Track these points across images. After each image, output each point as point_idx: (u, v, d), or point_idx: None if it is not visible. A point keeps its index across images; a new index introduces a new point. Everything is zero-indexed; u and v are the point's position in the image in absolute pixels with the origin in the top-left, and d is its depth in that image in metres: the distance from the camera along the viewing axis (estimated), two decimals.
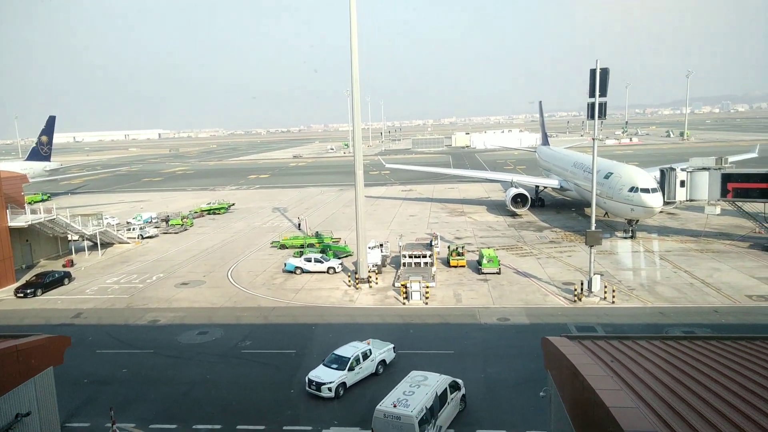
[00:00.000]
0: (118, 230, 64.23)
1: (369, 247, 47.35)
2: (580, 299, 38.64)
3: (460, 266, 47.75)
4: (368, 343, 30.21)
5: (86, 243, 61.04)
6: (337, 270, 47.67)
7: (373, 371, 29.28)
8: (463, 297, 40.54)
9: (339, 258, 51.26)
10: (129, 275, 50.00)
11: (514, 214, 71.16)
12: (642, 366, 15.34)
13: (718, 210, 51.24)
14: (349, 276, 45.40)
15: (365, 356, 29.08)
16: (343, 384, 27.83)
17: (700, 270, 44.48)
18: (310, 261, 47.94)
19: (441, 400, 24.00)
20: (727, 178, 49.99)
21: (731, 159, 56.42)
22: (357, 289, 43.24)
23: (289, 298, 41.85)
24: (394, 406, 22.55)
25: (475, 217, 72.21)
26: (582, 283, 39.71)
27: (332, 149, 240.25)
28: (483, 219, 70.57)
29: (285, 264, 48.85)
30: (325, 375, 27.90)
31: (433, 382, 24.52)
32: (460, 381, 26.13)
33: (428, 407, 22.90)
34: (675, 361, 15.63)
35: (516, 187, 73.05)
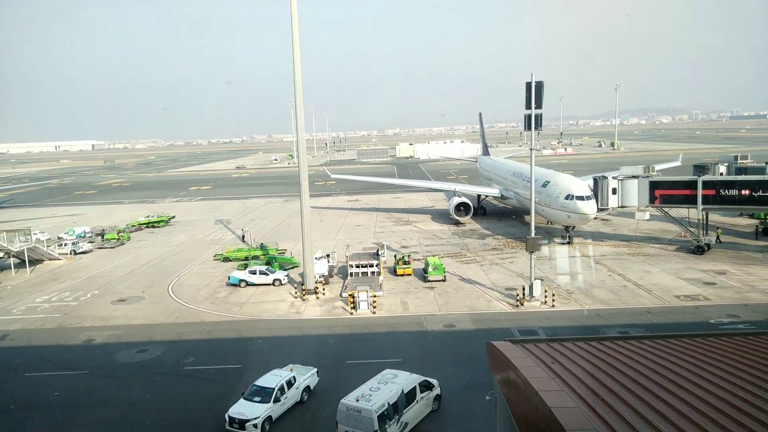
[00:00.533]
0: (48, 246, 60.69)
1: (315, 258, 46.87)
2: (522, 304, 39.63)
3: (407, 275, 47.99)
4: (291, 370, 27.96)
5: (12, 260, 57.30)
6: (283, 282, 46.89)
7: (299, 399, 27.19)
8: (410, 305, 40.72)
9: (285, 269, 50.48)
10: (61, 293, 47.29)
11: (457, 223, 72.35)
12: (581, 367, 15.86)
13: (647, 215, 54.03)
14: (295, 287, 44.75)
15: (290, 384, 26.83)
16: (269, 418, 25.30)
17: (633, 273, 46.64)
18: (255, 273, 46.95)
19: (408, 397, 24.05)
20: (654, 186, 52.81)
21: (657, 167, 59.68)
22: (304, 300, 42.67)
23: (233, 312, 40.77)
24: (357, 400, 22.67)
25: (420, 226, 72.90)
26: (524, 288, 40.78)
27: (276, 160, 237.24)
28: (428, 228, 71.34)
29: (229, 277, 47.63)
30: (247, 410, 25.05)
31: (402, 380, 24.69)
32: (434, 381, 26.30)
33: (391, 403, 22.93)
34: (612, 360, 16.28)
35: (459, 196, 74.39)
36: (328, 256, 49.71)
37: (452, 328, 36.01)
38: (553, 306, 39.26)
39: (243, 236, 68.26)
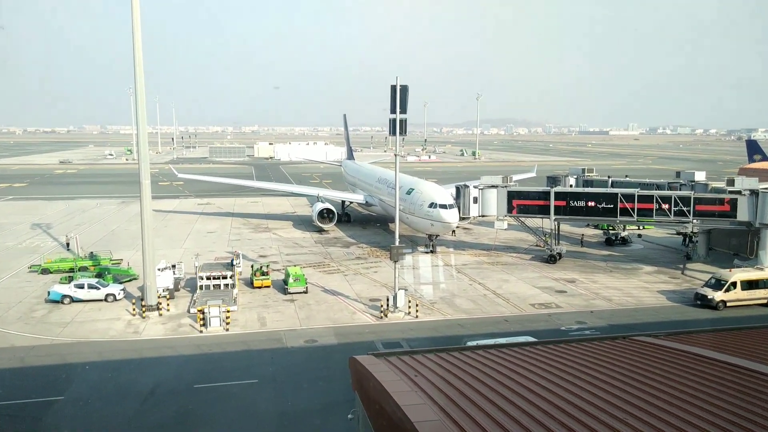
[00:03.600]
0: None
1: (158, 269, 44.23)
2: (386, 315, 40.77)
3: (265, 287, 47.25)
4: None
5: None
6: (118, 297, 43.62)
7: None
8: (268, 320, 40.08)
9: (121, 282, 46.93)
10: None
11: (321, 230, 72.67)
12: (444, 379, 16.66)
13: (505, 225, 58.66)
14: (134, 303, 41.76)
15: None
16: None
17: (492, 281, 50.32)
18: (82, 287, 43.14)
19: None
20: (512, 196, 57.54)
21: (515, 177, 65.11)
22: (144, 318, 40.05)
23: (54, 334, 36.86)
24: None
25: (280, 233, 72.16)
26: (388, 299, 41.99)
27: (112, 155, 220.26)
28: (289, 235, 70.85)
29: (49, 292, 43.10)
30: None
31: None
32: None
33: None
34: (473, 371, 17.34)
35: (323, 201, 74.73)
36: (173, 266, 47.29)
37: (314, 344, 35.97)
38: (417, 317, 40.88)
39: (68, 243, 62.08)
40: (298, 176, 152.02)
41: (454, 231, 65.49)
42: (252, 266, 49.44)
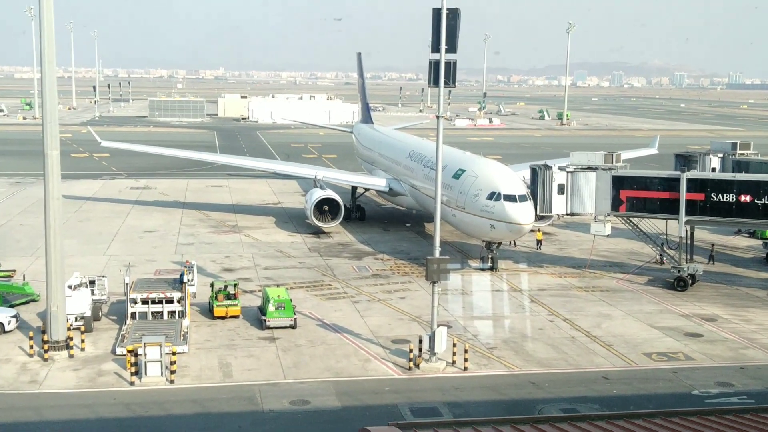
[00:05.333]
0: None
1: (70, 287, 44.80)
2: (417, 365, 40.64)
3: (232, 317, 47.54)
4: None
5: None
6: (7, 328, 44.38)
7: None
8: (236, 368, 40.30)
9: (12, 306, 47.73)
10: None
11: (318, 231, 72.86)
12: None
13: (608, 229, 58.19)
14: (31, 338, 42.40)
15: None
16: None
17: (585, 317, 49.96)
18: None
19: None
20: (619, 184, 57.11)
21: (625, 155, 64.70)
22: (47, 360, 40.63)
23: None
24: None
25: (256, 234, 72.52)
26: (420, 341, 41.92)
27: (2, 111, 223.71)
28: (270, 238, 71.17)
29: None
30: None
31: None
32: None
33: None
34: None
35: (322, 187, 75.03)
36: (92, 283, 47.87)
37: (305, 406, 36.08)
38: (465, 368, 40.75)
39: None
40: (285, 147, 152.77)
41: (541, 240, 65.31)
42: (212, 285, 49.69)
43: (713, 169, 68.39)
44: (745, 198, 54.63)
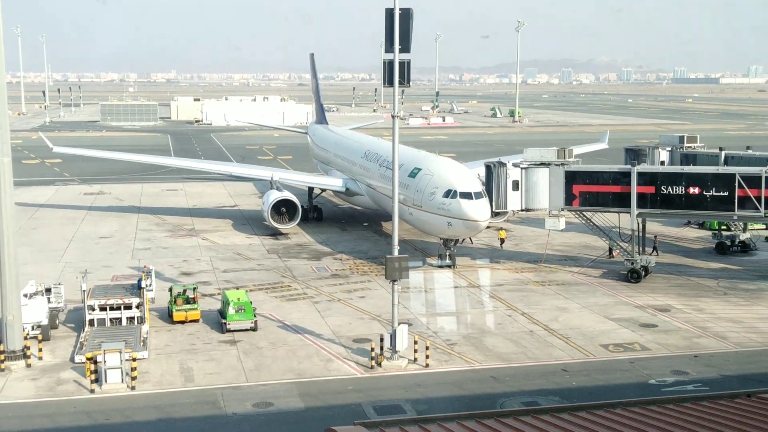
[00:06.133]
0: None
1: (25, 295, 44.19)
2: (379, 364, 40.77)
3: (192, 321, 47.33)
4: None
5: None
6: None
7: None
8: (197, 372, 40.13)
9: None
10: None
11: (276, 233, 72.73)
12: None
13: (562, 224, 58.80)
14: None
15: None
16: None
17: (543, 311, 50.49)
18: None
19: None
20: (573, 179, 57.73)
21: (577, 150, 65.44)
22: (3, 370, 40.04)
23: None
24: None
25: (214, 237, 72.26)
26: (382, 339, 42.03)
27: None
28: (228, 241, 70.94)
29: None
30: None
31: None
32: None
33: None
34: None
35: (279, 189, 74.76)
36: (48, 291, 47.31)
37: (268, 408, 36.02)
38: (427, 365, 40.96)
39: None
40: (240, 150, 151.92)
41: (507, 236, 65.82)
42: (170, 290, 49.33)
43: (662, 163, 69.56)
44: (694, 190, 55.56)
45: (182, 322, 47.15)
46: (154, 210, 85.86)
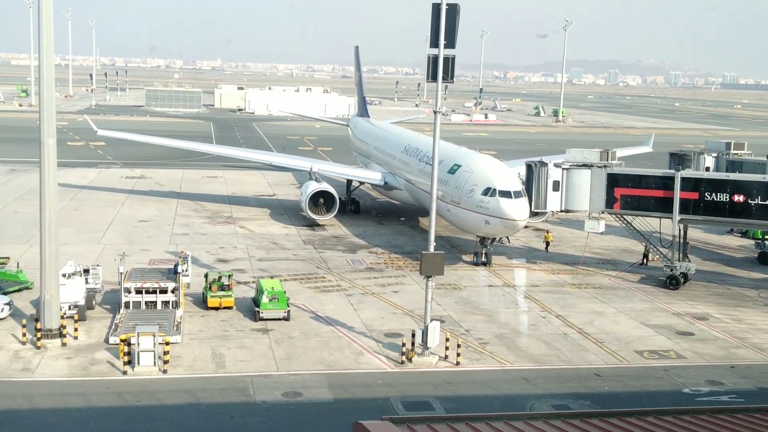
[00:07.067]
0: None
1: (64, 275, 44.75)
2: (410, 359, 40.75)
3: (225, 308, 47.64)
4: None
5: None
6: (1, 315, 44.38)
7: None
8: (229, 359, 40.40)
9: (6, 293, 47.67)
10: None
11: (313, 224, 72.89)
12: None
13: (601, 226, 58.21)
14: (24, 326, 42.34)
15: None
16: None
17: (577, 314, 50.07)
18: None
19: None
20: (614, 181, 57.12)
21: (620, 153, 64.59)
22: (39, 348, 40.68)
23: None
24: None
25: (251, 226, 72.56)
26: (413, 335, 41.94)
27: None
28: (264, 230, 71.19)
29: None
30: None
31: None
32: None
33: None
34: None
35: (318, 180, 75.02)
36: (86, 271, 47.89)
37: (297, 398, 36.15)
38: (458, 363, 40.85)
39: None
40: (281, 139, 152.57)
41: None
42: (206, 276, 49.72)
43: (707, 169, 68.38)
44: (739, 198, 54.69)
45: (216, 309, 47.52)
46: (193, 196, 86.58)
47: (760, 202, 54.14)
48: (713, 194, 55.32)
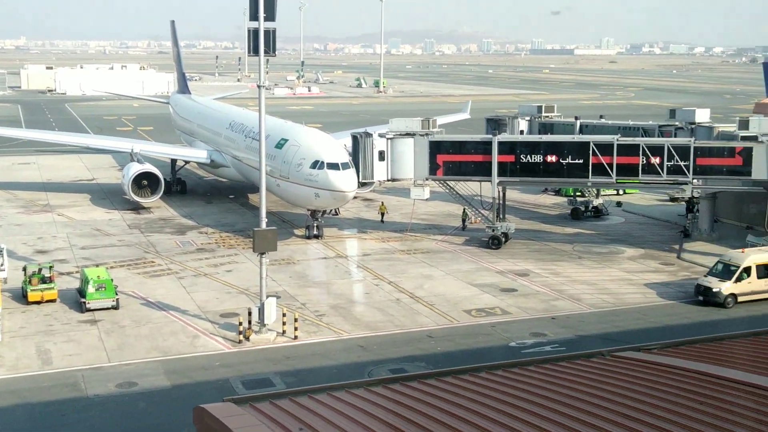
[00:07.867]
0: None
1: None
2: (247, 338, 40.59)
3: (48, 301, 45.65)
4: None
5: None
6: None
7: None
8: (55, 354, 38.87)
9: None
10: None
11: (138, 207, 70.76)
12: (343, 429, 16.83)
13: (426, 193, 59.87)
14: None
15: None
16: None
17: (408, 279, 51.42)
18: None
19: None
20: (437, 149, 58.71)
21: (440, 121, 66.42)
22: None
23: None
24: None
25: (71, 213, 69.71)
26: (250, 313, 41.76)
27: None
28: (85, 216, 68.56)
29: None
30: None
31: None
32: None
33: None
34: (382, 413, 17.61)
35: (140, 161, 72.79)
36: None
37: (132, 389, 35.31)
38: (296, 337, 41.07)
39: None
40: (98, 120, 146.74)
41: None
42: (24, 269, 47.26)
43: (521, 132, 71.69)
44: (551, 158, 57.64)
45: (38, 303, 45.46)
46: (4, 185, 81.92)
47: (570, 161, 57.31)
48: (528, 156, 58.00)
